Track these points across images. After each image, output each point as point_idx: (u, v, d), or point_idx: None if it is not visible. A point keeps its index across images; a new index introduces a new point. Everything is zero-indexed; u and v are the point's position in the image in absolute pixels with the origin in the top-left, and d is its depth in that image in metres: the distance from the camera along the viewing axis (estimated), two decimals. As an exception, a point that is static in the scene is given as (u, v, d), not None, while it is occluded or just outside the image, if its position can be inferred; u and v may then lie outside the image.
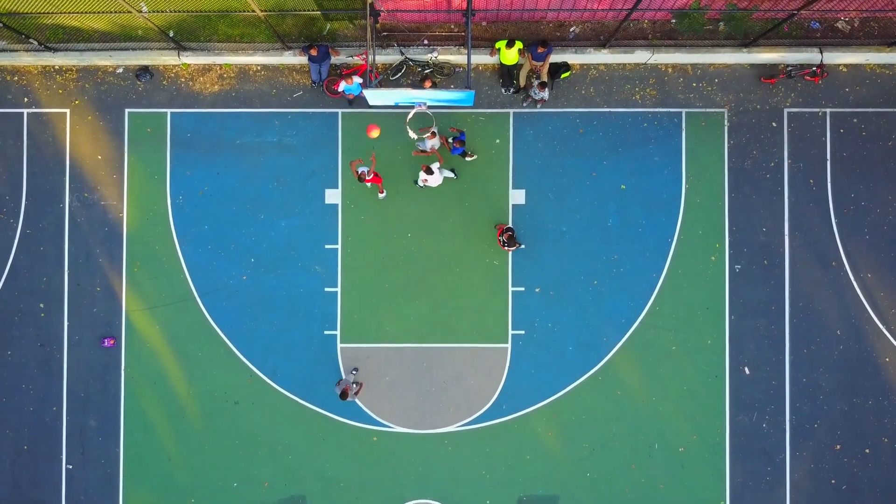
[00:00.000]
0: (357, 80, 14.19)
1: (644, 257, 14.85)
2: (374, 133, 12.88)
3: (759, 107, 15.04)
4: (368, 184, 13.98)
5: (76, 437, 14.98)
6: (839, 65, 15.07)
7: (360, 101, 14.76)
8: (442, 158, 14.73)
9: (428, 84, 13.09)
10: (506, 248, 13.72)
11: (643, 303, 14.82)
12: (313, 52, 13.96)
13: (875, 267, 14.92)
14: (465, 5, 12.93)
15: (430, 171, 13.69)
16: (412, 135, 13.32)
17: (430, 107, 12.81)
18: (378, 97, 12.39)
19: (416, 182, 14.57)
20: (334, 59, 14.74)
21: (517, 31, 14.68)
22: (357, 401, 14.52)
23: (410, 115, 13.18)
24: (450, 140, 13.95)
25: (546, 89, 13.99)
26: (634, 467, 14.86)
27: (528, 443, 14.83)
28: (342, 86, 14.26)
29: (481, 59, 14.74)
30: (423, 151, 14.10)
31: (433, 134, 13.49)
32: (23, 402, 14.99)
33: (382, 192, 14.48)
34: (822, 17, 14.52)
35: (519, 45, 14.05)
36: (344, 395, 13.31)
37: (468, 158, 14.56)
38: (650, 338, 14.83)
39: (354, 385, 14.23)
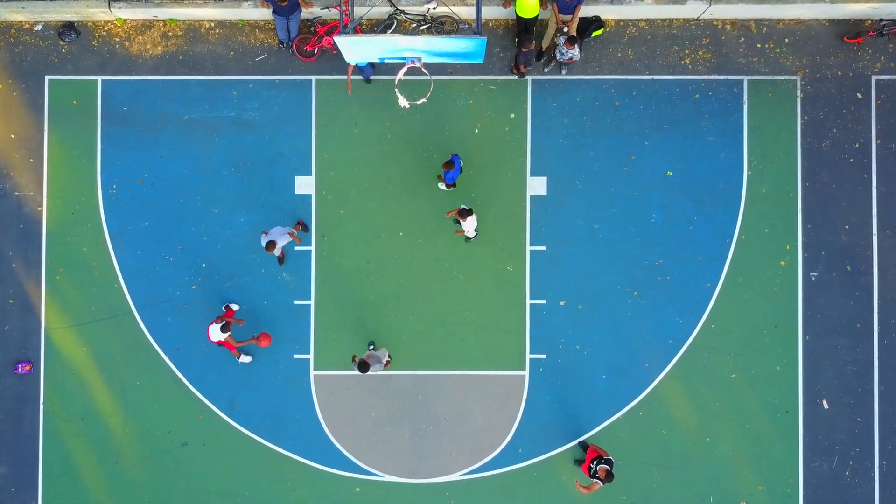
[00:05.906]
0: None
1: (696, 262, 13.55)
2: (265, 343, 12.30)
3: (841, 73, 13.55)
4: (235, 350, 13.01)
5: (-17, 487, 13.57)
6: (943, 19, 13.46)
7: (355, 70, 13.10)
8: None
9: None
10: (599, 482, 11.80)
11: (695, 319, 13.59)
12: (281, 2, 12.33)
13: None
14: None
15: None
16: (403, 102, 11.04)
17: (426, 64, 10.63)
18: (355, 49, 9.85)
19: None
20: (306, 13, 13.06)
21: (538, -26, 12.94)
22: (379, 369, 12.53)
23: (400, 75, 10.81)
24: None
25: (575, 46, 12.28)
26: (684, 525, 13.54)
27: (551, 495, 13.56)
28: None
29: (492, 11, 13.11)
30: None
31: None
32: (-84, 444, 13.76)
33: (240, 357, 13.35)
34: (927, -44, 12.73)
35: (540, -9, 12.23)
36: (363, 366, 11.64)
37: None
38: (704, 363, 13.54)
39: (375, 353, 12.43)
